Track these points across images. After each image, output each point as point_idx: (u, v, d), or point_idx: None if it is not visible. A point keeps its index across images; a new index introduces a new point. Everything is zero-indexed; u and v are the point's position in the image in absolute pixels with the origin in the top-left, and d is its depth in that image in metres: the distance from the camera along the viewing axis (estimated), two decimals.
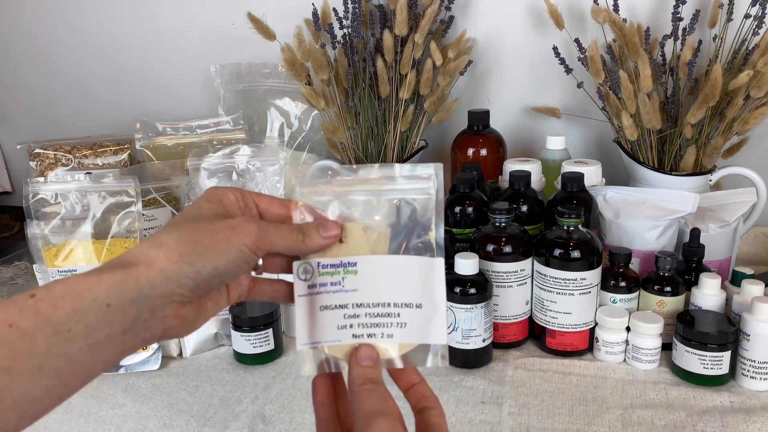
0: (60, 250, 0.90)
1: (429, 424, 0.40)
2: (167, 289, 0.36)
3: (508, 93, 1.13)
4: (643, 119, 0.89)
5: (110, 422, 0.71)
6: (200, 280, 0.37)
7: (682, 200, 0.83)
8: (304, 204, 0.43)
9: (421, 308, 0.41)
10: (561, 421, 0.68)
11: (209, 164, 0.92)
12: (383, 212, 0.43)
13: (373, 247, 0.42)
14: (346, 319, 0.41)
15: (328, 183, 0.43)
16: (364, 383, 0.39)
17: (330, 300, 0.42)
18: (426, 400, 0.41)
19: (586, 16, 1.03)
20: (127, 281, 0.35)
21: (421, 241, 0.42)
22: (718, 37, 0.94)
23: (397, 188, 0.43)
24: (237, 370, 0.81)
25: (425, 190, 0.43)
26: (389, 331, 0.41)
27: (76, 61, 1.29)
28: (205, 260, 0.37)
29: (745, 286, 0.77)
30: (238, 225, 0.39)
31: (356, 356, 0.40)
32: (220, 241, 0.37)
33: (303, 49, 0.97)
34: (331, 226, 0.42)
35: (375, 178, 0.43)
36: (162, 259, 0.36)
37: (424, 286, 0.42)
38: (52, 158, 1.03)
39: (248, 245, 0.38)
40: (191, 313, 0.39)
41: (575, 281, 0.77)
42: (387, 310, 0.41)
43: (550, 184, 0.97)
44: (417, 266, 0.42)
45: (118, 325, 0.35)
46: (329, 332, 0.41)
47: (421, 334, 0.41)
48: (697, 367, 0.72)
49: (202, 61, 1.20)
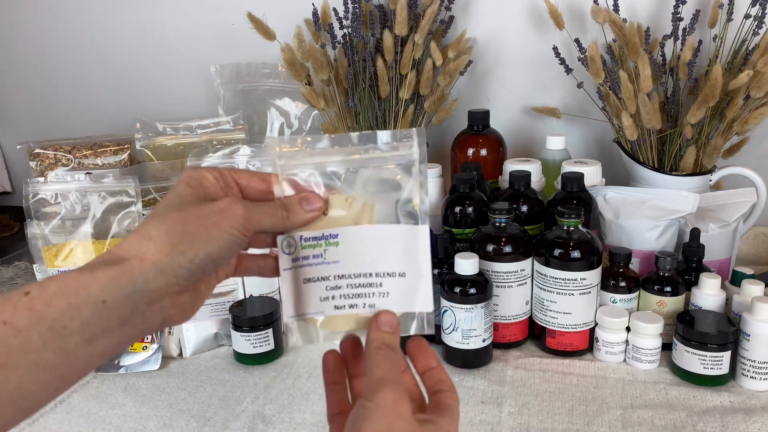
0: (60, 250, 0.90)
1: (441, 403, 0.40)
2: (162, 281, 0.36)
3: (508, 93, 1.13)
4: (643, 119, 0.89)
5: (110, 422, 0.71)
6: (194, 269, 0.37)
7: (682, 200, 0.83)
8: (286, 177, 0.42)
9: (404, 277, 0.41)
10: (561, 421, 0.68)
11: (209, 164, 0.92)
12: (365, 181, 0.42)
13: (356, 217, 0.42)
14: (327, 290, 0.41)
15: (308, 153, 0.42)
16: (380, 347, 0.39)
17: (313, 272, 0.42)
18: (442, 384, 0.41)
19: (586, 16, 1.03)
20: (121, 277, 0.35)
21: (404, 208, 0.42)
22: (718, 37, 0.94)
23: (379, 156, 0.42)
24: (237, 370, 0.81)
25: (407, 156, 0.42)
26: (371, 300, 0.41)
27: (76, 61, 1.29)
28: (197, 249, 0.37)
29: (745, 286, 0.77)
30: (225, 208, 0.38)
31: (376, 321, 0.40)
32: (209, 227, 0.37)
33: (303, 49, 0.97)
34: (314, 199, 0.42)
35: (355, 147, 0.42)
36: (153, 251, 0.36)
37: (408, 254, 0.41)
38: (52, 158, 1.03)
39: (238, 228, 0.38)
40: (188, 300, 0.39)
41: (575, 281, 0.77)
42: (368, 280, 0.41)
43: (550, 184, 0.97)
44: (400, 234, 0.42)
45: (115, 319, 0.35)
46: (313, 304, 0.42)
47: (405, 303, 0.41)
48: (697, 367, 0.72)
49: (202, 61, 1.20)
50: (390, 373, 0.38)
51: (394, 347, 0.39)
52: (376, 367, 0.38)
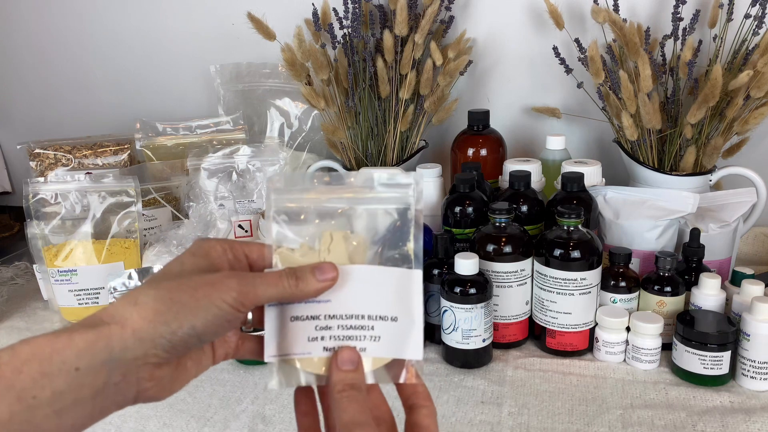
0: (60, 250, 0.90)
1: (418, 426, 0.38)
2: (140, 350, 0.34)
3: (508, 93, 1.13)
4: (643, 119, 0.89)
5: (110, 422, 0.71)
6: (176, 341, 0.35)
7: (682, 200, 0.83)
8: (278, 250, 0.40)
9: (396, 321, 0.40)
10: (561, 421, 0.68)
11: (209, 164, 0.92)
12: (361, 221, 0.41)
13: (351, 256, 0.40)
14: (317, 330, 0.39)
15: (304, 191, 0.41)
16: (344, 389, 0.37)
17: (301, 310, 0.40)
18: (417, 396, 0.39)
19: (586, 16, 1.03)
20: (98, 342, 0.33)
21: (399, 252, 0.41)
22: (718, 37, 0.94)
23: (376, 197, 0.41)
24: (237, 370, 0.81)
25: (404, 199, 0.41)
26: (362, 344, 0.39)
27: (76, 61, 1.29)
28: (182, 320, 0.34)
29: (745, 286, 0.77)
30: (217, 280, 0.36)
31: (336, 359, 0.38)
32: (199, 298, 0.35)
33: (303, 49, 0.97)
34: (328, 269, 0.39)
35: (353, 186, 0.41)
36: (136, 318, 0.34)
37: (401, 299, 0.40)
38: (52, 158, 1.03)
39: (229, 302, 0.35)
40: (168, 375, 0.36)
41: (575, 281, 0.77)
42: (360, 322, 0.39)
43: (550, 184, 0.97)
44: (394, 278, 0.40)
45: (88, 389, 0.33)
46: (299, 344, 0.39)
47: (396, 349, 0.40)
48: (697, 367, 0.72)
49: (202, 61, 1.20)
50: (358, 416, 0.36)
51: (358, 386, 0.37)
52: (342, 412, 0.36)
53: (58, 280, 0.90)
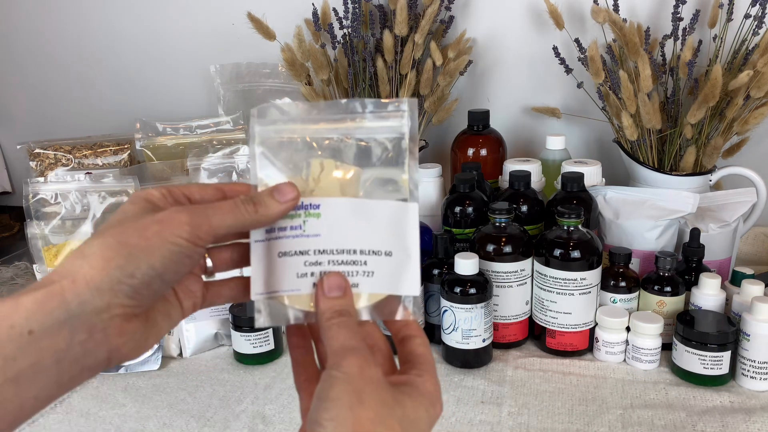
0: (60, 250, 0.90)
1: (413, 354, 0.37)
2: (101, 302, 0.31)
3: (508, 93, 1.13)
4: (643, 119, 0.89)
5: (110, 422, 0.71)
6: (137, 285, 0.32)
7: (682, 200, 0.83)
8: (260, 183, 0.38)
9: (391, 256, 0.38)
10: (561, 421, 0.68)
11: (209, 164, 0.92)
12: (353, 151, 0.39)
13: (342, 187, 0.38)
14: (306, 266, 0.37)
15: (290, 121, 0.39)
16: (332, 317, 0.35)
17: (289, 245, 0.38)
18: (409, 328, 0.38)
19: (586, 16, 1.03)
20: (50, 301, 0.31)
21: (393, 184, 0.38)
22: (718, 37, 0.93)
23: (366, 126, 0.39)
24: (237, 370, 0.81)
25: (397, 128, 0.38)
26: (354, 280, 0.37)
27: (76, 61, 1.29)
28: (137, 261, 0.32)
29: (745, 286, 0.77)
30: (166, 217, 0.34)
31: (323, 287, 0.36)
32: (149, 237, 0.33)
33: (303, 49, 0.97)
34: (287, 189, 0.37)
35: (341, 115, 0.39)
36: (87, 270, 0.32)
37: (396, 233, 0.38)
38: (52, 158, 1.03)
39: (184, 236, 0.33)
40: (139, 329, 0.34)
41: (575, 281, 0.77)
42: (352, 257, 0.38)
43: (550, 184, 0.97)
44: (388, 210, 0.38)
45: (48, 353, 0.30)
46: (288, 281, 0.38)
47: (391, 284, 0.38)
48: (697, 367, 0.72)
49: (202, 61, 1.20)
50: (349, 341, 0.34)
51: (347, 312, 0.36)
52: (332, 339, 0.34)
53: None
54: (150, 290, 0.33)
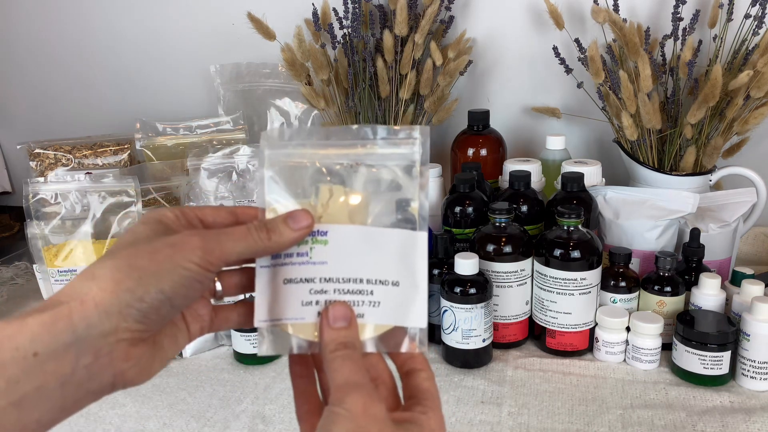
0: (60, 250, 0.90)
1: (418, 389, 0.36)
2: (108, 325, 0.31)
3: (508, 93, 1.13)
4: (643, 119, 0.89)
5: (110, 422, 0.71)
6: (146, 309, 0.32)
7: (682, 200, 0.83)
8: (273, 209, 0.38)
9: (398, 286, 0.37)
10: (561, 421, 0.68)
11: (209, 164, 0.92)
12: (363, 179, 0.38)
13: (350, 214, 0.38)
14: (311, 294, 0.37)
15: (301, 146, 0.38)
16: (336, 349, 0.34)
17: (295, 272, 0.37)
18: (414, 361, 0.37)
19: (586, 16, 1.03)
20: (57, 323, 0.30)
21: (402, 212, 0.38)
22: (718, 37, 0.94)
23: (377, 153, 0.38)
24: (237, 370, 0.81)
25: (408, 156, 0.38)
26: (360, 310, 0.37)
27: (76, 61, 1.29)
28: (147, 285, 0.32)
29: (745, 286, 0.77)
30: (178, 241, 0.33)
31: (327, 317, 0.36)
32: (160, 261, 0.32)
33: (303, 49, 0.97)
34: (301, 217, 0.36)
35: (352, 141, 0.38)
36: (96, 292, 0.31)
37: (404, 262, 0.37)
38: (52, 158, 1.03)
39: (195, 261, 0.33)
40: (145, 354, 0.33)
41: (575, 281, 0.77)
42: (359, 286, 0.37)
43: (550, 184, 0.97)
44: (396, 239, 0.37)
45: (52, 376, 0.30)
46: (292, 309, 0.37)
47: (397, 316, 0.37)
48: (697, 367, 0.72)
49: (202, 61, 1.20)
50: (353, 376, 0.33)
51: (352, 345, 0.35)
52: (335, 373, 0.33)
53: (58, 280, 0.89)
54: (158, 315, 0.33)
